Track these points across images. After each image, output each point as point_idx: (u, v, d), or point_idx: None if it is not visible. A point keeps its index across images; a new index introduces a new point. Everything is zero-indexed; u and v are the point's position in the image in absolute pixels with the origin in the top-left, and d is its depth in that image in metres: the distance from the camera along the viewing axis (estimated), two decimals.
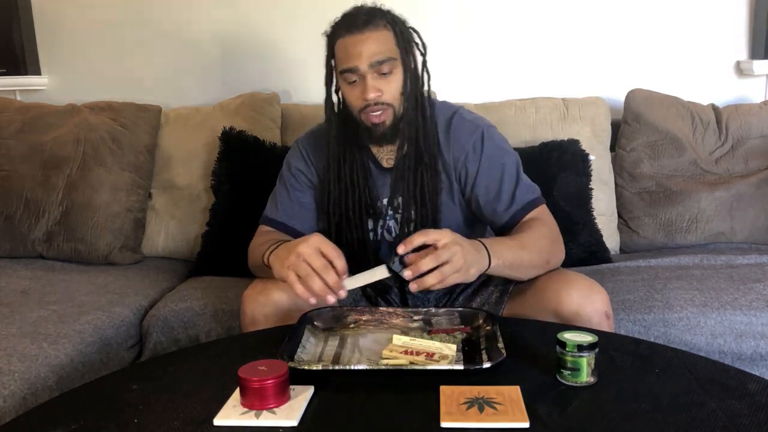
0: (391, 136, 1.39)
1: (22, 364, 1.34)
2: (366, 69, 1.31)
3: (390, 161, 1.45)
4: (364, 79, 1.32)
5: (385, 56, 1.32)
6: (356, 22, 1.32)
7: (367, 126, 1.36)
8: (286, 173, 1.52)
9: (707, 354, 1.52)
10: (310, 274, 1.14)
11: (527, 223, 1.39)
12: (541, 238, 1.35)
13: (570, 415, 0.91)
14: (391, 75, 1.33)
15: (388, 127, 1.36)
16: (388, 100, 1.34)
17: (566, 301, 1.26)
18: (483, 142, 1.41)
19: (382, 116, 1.34)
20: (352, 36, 1.32)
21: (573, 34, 2.28)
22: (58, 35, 2.39)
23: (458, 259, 1.14)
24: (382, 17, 1.34)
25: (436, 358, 1.07)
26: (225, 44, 2.34)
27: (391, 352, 1.09)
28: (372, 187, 1.45)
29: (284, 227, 1.48)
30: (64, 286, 1.79)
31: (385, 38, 1.33)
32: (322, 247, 1.16)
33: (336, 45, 1.36)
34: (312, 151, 1.50)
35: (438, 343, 1.12)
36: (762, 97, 2.27)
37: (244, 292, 1.36)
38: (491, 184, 1.41)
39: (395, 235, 1.46)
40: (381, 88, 1.33)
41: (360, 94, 1.33)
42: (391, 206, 1.45)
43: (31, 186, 2.00)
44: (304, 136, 1.54)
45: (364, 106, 1.34)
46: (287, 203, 1.49)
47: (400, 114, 1.37)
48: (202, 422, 0.91)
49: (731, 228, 1.99)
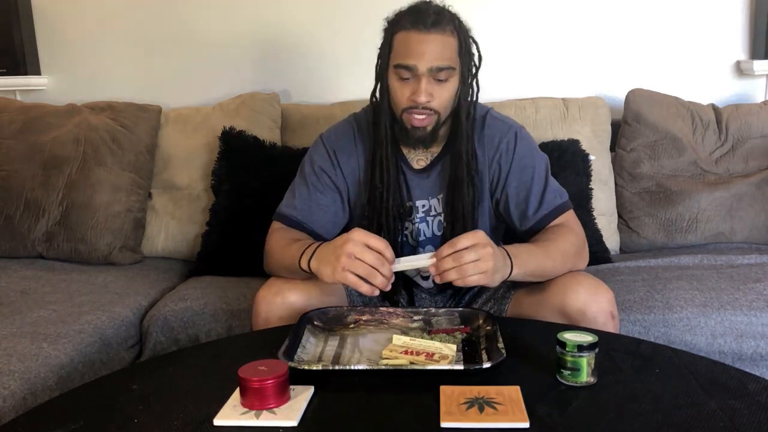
0: (428, 141, 1.37)
1: (22, 364, 1.33)
2: (424, 71, 1.28)
3: (420, 162, 1.44)
4: (419, 80, 1.29)
5: (446, 63, 1.29)
6: (424, 19, 1.28)
7: (407, 126, 1.34)
8: (309, 170, 1.46)
9: (707, 354, 1.51)
10: (370, 272, 1.14)
11: (554, 229, 1.38)
12: (568, 247, 1.34)
13: (570, 415, 0.91)
14: (447, 83, 1.31)
15: (428, 133, 1.34)
16: (436, 107, 1.31)
17: (572, 299, 1.26)
18: (516, 142, 1.41)
19: (425, 121, 1.32)
20: (417, 33, 1.28)
21: (573, 34, 2.27)
22: (58, 35, 2.39)
23: (486, 262, 1.14)
24: (450, 21, 1.31)
25: (436, 358, 1.07)
26: (225, 44, 2.34)
27: (391, 352, 1.09)
28: (403, 189, 1.43)
29: (300, 226, 1.43)
30: (64, 286, 1.79)
31: (449, 44, 1.30)
32: (369, 242, 1.15)
33: (396, 36, 1.31)
34: (339, 151, 1.45)
35: (438, 343, 1.12)
36: (762, 97, 2.27)
37: (258, 293, 1.33)
38: (521, 185, 1.40)
39: (423, 237, 1.46)
40: (433, 93, 1.30)
41: (410, 93, 1.30)
42: (422, 208, 1.44)
43: (31, 186, 2.00)
44: (329, 134, 1.49)
45: (409, 107, 1.32)
46: (306, 202, 1.44)
47: (442, 121, 1.35)
48: (202, 422, 0.91)
49: (731, 228, 1.99)
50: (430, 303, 1.53)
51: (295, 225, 1.44)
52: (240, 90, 2.25)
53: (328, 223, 1.46)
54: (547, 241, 1.34)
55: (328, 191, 1.45)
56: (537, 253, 1.30)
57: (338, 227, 1.48)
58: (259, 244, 1.46)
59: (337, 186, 1.46)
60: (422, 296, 1.54)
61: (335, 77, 2.33)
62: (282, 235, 1.41)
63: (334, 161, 1.45)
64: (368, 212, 1.41)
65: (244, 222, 1.91)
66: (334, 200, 1.46)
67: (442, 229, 1.44)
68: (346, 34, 2.31)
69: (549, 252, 1.31)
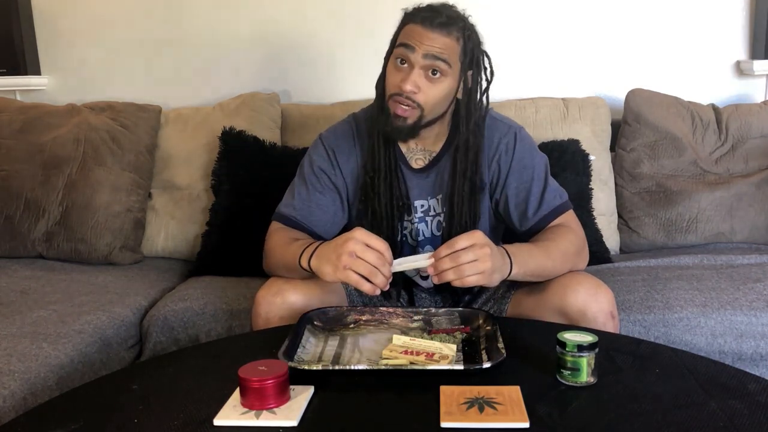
0: (405, 135, 1.36)
1: (22, 364, 1.33)
2: (419, 58, 1.28)
3: (419, 162, 1.44)
4: (412, 69, 1.29)
5: (443, 55, 1.28)
6: (434, 18, 1.29)
7: (390, 113, 1.34)
8: (308, 170, 1.46)
9: (707, 354, 1.51)
10: (372, 271, 1.15)
11: (554, 229, 1.38)
12: (568, 247, 1.34)
13: (570, 415, 0.91)
14: (438, 81, 1.30)
15: (407, 126, 1.33)
16: (421, 101, 1.31)
17: (572, 299, 1.26)
18: (516, 142, 1.41)
19: (407, 112, 1.31)
20: (423, 28, 1.29)
21: (573, 34, 2.28)
22: (58, 35, 2.39)
23: (484, 262, 1.14)
24: (460, 30, 1.31)
25: (436, 358, 1.07)
26: (225, 44, 2.34)
27: (391, 352, 1.09)
28: (402, 188, 1.43)
29: (299, 227, 1.43)
30: (64, 286, 1.79)
31: (451, 47, 1.30)
32: (369, 241, 1.16)
33: (405, 27, 1.33)
34: (338, 151, 1.45)
35: (438, 343, 1.12)
36: (762, 97, 2.27)
37: (258, 293, 1.33)
38: (521, 186, 1.40)
39: (422, 237, 1.46)
40: (421, 86, 1.30)
41: (400, 80, 1.30)
42: (421, 208, 1.44)
43: (31, 186, 2.00)
44: (328, 134, 1.48)
45: (395, 93, 1.31)
46: (305, 202, 1.44)
47: (427, 120, 1.34)
48: (202, 422, 0.91)
49: (731, 228, 1.99)
50: (430, 303, 1.53)
51: (294, 225, 1.44)
52: (240, 90, 2.25)
53: (327, 223, 1.45)
54: (547, 241, 1.34)
55: (327, 191, 1.45)
56: (537, 252, 1.30)
57: (338, 227, 1.48)
58: (259, 244, 1.46)
59: (337, 186, 1.45)
60: (422, 296, 1.54)
61: (335, 77, 2.33)
62: (282, 235, 1.41)
63: (333, 161, 1.45)
64: (366, 211, 1.41)
65: (244, 222, 1.91)
66: (334, 200, 1.46)
67: (441, 230, 1.44)
68: (346, 34, 2.31)
69: (549, 252, 1.31)
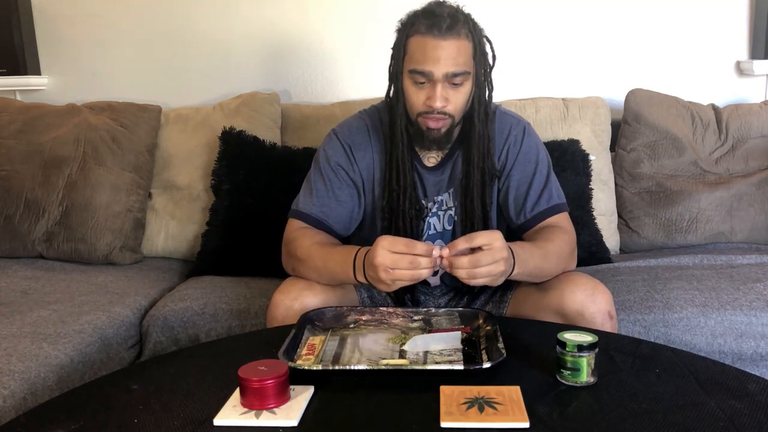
0: (443, 143, 1.38)
1: (22, 364, 1.33)
2: (440, 77, 1.28)
3: (432, 160, 1.44)
4: (435, 85, 1.29)
5: (461, 69, 1.29)
6: (439, 24, 1.27)
7: (422, 128, 1.34)
8: (325, 166, 1.44)
9: (707, 354, 1.52)
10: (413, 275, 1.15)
11: (550, 230, 1.38)
12: (563, 248, 1.35)
13: (570, 415, 0.91)
14: (462, 87, 1.31)
15: (443, 134, 1.35)
16: (451, 111, 1.32)
17: (570, 300, 1.26)
18: (524, 135, 1.43)
19: (440, 123, 1.33)
20: (433, 38, 1.27)
21: (573, 34, 2.28)
22: (58, 35, 2.39)
23: (499, 267, 1.15)
24: (465, 24, 1.30)
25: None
26: (225, 44, 2.34)
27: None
28: (418, 188, 1.43)
29: (319, 224, 1.42)
30: (64, 286, 1.79)
31: (465, 49, 1.29)
32: (394, 248, 1.15)
33: (411, 40, 1.31)
34: (355, 146, 1.44)
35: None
36: (762, 97, 2.27)
37: (275, 296, 1.32)
38: (523, 178, 1.42)
39: (433, 231, 1.46)
40: (449, 98, 1.30)
41: (425, 98, 1.31)
42: (435, 204, 1.45)
43: (31, 186, 2.00)
44: (343, 130, 1.47)
45: (425, 111, 1.32)
46: (324, 199, 1.42)
47: (457, 122, 1.36)
48: (202, 422, 0.91)
49: (731, 228, 1.99)
50: (430, 303, 1.53)
51: (315, 223, 1.42)
52: (240, 90, 2.25)
53: (346, 218, 1.45)
54: (544, 241, 1.34)
55: (345, 187, 1.44)
56: (535, 252, 1.30)
57: (355, 223, 1.47)
58: (259, 244, 1.46)
59: (354, 181, 1.45)
60: (422, 297, 1.54)
61: (335, 77, 2.33)
62: (312, 240, 1.37)
63: (350, 156, 1.44)
64: (386, 213, 1.41)
65: (244, 222, 1.91)
66: (352, 195, 1.45)
67: (453, 224, 1.45)
68: (346, 34, 2.31)
69: (547, 253, 1.31)
